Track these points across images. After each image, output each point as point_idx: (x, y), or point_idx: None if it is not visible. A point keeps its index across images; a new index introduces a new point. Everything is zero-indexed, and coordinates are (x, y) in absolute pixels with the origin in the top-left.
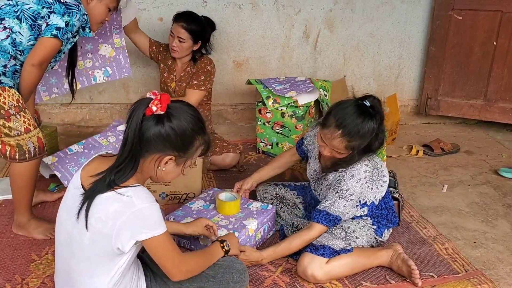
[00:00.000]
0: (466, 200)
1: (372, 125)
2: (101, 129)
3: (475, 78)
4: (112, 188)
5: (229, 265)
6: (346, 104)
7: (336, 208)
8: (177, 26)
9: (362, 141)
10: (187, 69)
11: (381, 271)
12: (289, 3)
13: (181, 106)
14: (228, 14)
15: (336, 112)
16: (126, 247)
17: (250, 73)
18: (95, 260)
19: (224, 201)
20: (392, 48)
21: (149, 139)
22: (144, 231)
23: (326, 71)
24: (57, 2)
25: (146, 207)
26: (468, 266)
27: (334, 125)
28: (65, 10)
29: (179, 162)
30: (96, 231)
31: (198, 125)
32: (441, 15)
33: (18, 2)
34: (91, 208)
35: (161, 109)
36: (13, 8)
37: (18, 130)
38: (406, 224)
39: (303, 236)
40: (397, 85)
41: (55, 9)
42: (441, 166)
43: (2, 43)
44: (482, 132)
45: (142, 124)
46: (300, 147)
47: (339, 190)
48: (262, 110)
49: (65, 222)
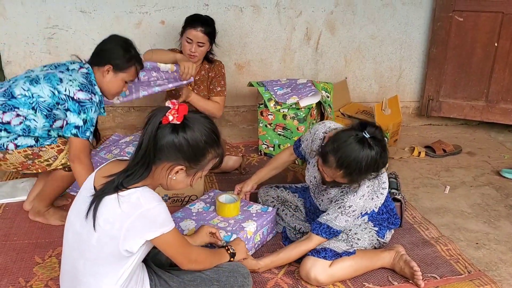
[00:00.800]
0: (468, 201)
1: (373, 156)
2: (103, 132)
3: (477, 79)
4: (120, 190)
5: (233, 269)
6: (345, 140)
7: (337, 223)
8: (195, 31)
9: (365, 174)
10: (202, 72)
11: (383, 273)
12: (290, 5)
13: (198, 118)
14: (230, 17)
15: (335, 150)
16: (135, 247)
17: (251, 75)
18: (102, 262)
19: (223, 203)
20: (393, 49)
21: (162, 147)
22: (153, 230)
23: (328, 73)
24: (70, 100)
25: (153, 207)
26: (470, 267)
27: (335, 166)
28: (80, 108)
29: (190, 173)
30: (103, 232)
31: (212, 138)
32: (442, 16)
33: (33, 94)
34: (99, 209)
35: (177, 119)
36: (28, 99)
37: (53, 156)
38: (409, 226)
39: (302, 247)
40: (399, 87)
41: (69, 107)
42: (443, 167)
43: (13, 128)
44: (484, 133)
45: (157, 132)
46: (298, 149)
47: (342, 206)
48: (264, 112)
49: (74, 222)
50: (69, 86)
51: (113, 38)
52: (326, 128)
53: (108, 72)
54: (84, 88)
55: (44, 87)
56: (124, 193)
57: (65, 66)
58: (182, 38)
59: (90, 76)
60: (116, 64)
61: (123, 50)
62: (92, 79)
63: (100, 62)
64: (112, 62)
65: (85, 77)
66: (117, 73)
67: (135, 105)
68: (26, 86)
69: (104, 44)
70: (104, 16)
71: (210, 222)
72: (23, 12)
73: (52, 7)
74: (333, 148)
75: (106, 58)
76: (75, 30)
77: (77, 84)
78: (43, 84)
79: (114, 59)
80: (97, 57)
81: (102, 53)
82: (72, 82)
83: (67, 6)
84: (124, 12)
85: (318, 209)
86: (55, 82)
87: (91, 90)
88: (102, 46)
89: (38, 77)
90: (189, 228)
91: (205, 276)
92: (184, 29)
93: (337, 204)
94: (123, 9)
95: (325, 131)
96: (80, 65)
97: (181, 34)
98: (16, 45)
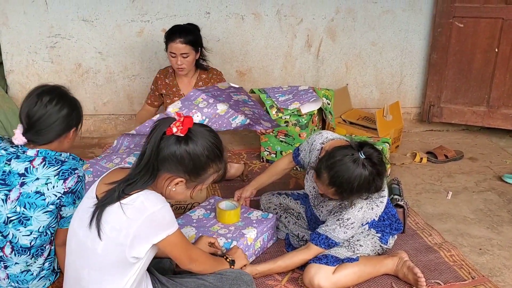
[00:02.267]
0: (471, 207)
1: (366, 177)
2: (105, 140)
3: (478, 84)
4: (121, 198)
5: (237, 277)
6: (340, 158)
7: (336, 234)
8: (175, 43)
9: (357, 194)
10: (199, 84)
11: (387, 279)
12: (291, 13)
13: (203, 132)
14: (231, 25)
15: (329, 167)
16: (142, 252)
17: (253, 82)
18: (107, 270)
19: (224, 210)
20: (394, 56)
21: (163, 158)
22: (159, 233)
23: (329, 80)
24: (64, 196)
25: (159, 209)
26: (474, 273)
27: (327, 183)
28: (74, 196)
29: (189, 186)
30: (110, 240)
31: (214, 153)
32: (443, 22)
33: (38, 229)
34: (104, 217)
35: (181, 132)
36: (42, 238)
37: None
38: (412, 232)
39: (300, 256)
40: (400, 93)
41: (64, 202)
42: (445, 173)
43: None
44: (485, 139)
45: (160, 142)
46: (297, 158)
47: (340, 219)
48: None
49: (77, 231)
50: (51, 188)
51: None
52: (323, 139)
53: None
54: (64, 174)
55: (36, 216)
56: (126, 200)
57: (14, 174)
58: (168, 54)
59: (48, 155)
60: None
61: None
62: (53, 155)
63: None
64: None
65: (50, 163)
66: None
67: (137, 113)
68: (23, 230)
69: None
70: (106, 24)
71: (210, 229)
72: (26, 21)
73: (54, 16)
74: (327, 165)
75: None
76: (77, 39)
77: (56, 179)
78: (32, 213)
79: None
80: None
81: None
82: (49, 181)
83: (69, 15)
84: (126, 20)
85: (319, 219)
86: (40, 200)
87: (69, 167)
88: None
89: (18, 212)
90: (189, 235)
91: (209, 284)
92: (166, 44)
93: (335, 217)
94: (125, 18)
95: (322, 141)
96: (27, 159)
97: (166, 50)
98: (18, 54)
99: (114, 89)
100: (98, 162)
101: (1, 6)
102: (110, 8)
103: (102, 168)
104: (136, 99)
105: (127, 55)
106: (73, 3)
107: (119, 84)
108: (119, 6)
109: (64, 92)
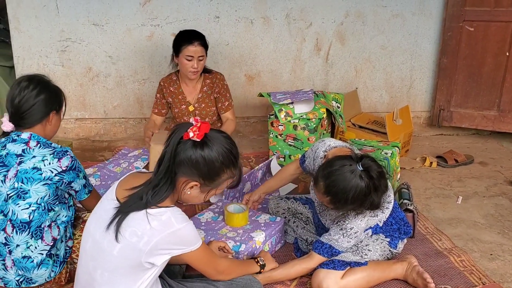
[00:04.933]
0: (482, 212)
1: (362, 189)
2: (115, 143)
3: (488, 89)
4: (150, 207)
5: (246, 284)
6: (337, 168)
7: (340, 244)
8: (194, 47)
9: (352, 206)
10: (204, 89)
11: (396, 284)
12: (300, 17)
13: (219, 137)
14: (240, 29)
15: (325, 177)
16: (159, 261)
17: (262, 86)
18: (121, 273)
19: (232, 213)
20: (403, 60)
21: (179, 162)
22: (182, 248)
23: (338, 84)
24: (62, 173)
25: (183, 227)
26: (485, 278)
27: (323, 191)
28: (74, 173)
29: (204, 190)
30: (128, 244)
31: (229, 159)
32: (453, 26)
33: (37, 201)
34: (126, 221)
35: (198, 137)
36: (40, 213)
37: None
38: (421, 236)
39: (302, 265)
40: (409, 97)
41: (69, 179)
42: (455, 177)
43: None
44: (496, 143)
45: (177, 146)
46: (303, 165)
47: (343, 228)
48: (274, 123)
49: (94, 232)
50: (48, 165)
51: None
52: (326, 147)
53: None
54: (58, 154)
55: (35, 189)
56: (153, 211)
57: (12, 155)
58: (178, 58)
59: (41, 140)
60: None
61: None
62: (44, 141)
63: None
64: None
65: (44, 145)
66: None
67: (147, 116)
68: (22, 204)
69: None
70: (116, 28)
71: (219, 232)
72: (37, 25)
73: (65, 20)
74: (324, 174)
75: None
76: (88, 43)
77: (51, 157)
78: (30, 186)
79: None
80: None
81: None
82: (45, 158)
83: (80, 19)
84: (136, 24)
85: (325, 226)
86: (37, 174)
87: (62, 149)
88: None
89: (16, 187)
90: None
91: None
92: (179, 48)
93: (338, 226)
94: (135, 22)
95: (325, 149)
96: (22, 141)
97: (175, 55)
98: (29, 58)
99: (124, 92)
100: (106, 166)
101: (13, 11)
102: (120, 13)
103: (110, 172)
104: (146, 103)
105: (137, 59)
106: (83, 8)
107: (129, 88)
108: (129, 10)
109: (41, 79)
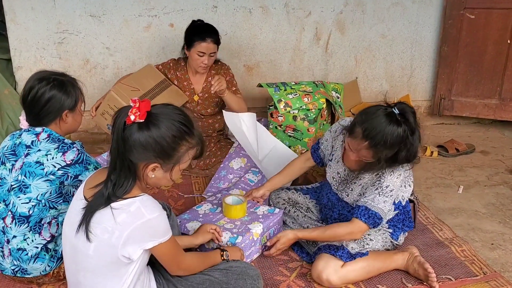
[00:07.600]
0: (483, 201)
1: (400, 133)
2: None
3: (489, 77)
4: (115, 201)
5: (242, 272)
6: (373, 112)
7: (375, 204)
8: (206, 43)
9: (390, 151)
10: (208, 79)
11: (397, 275)
12: (299, 6)
13: (164, 111)
14: (239, 18)
15: (363, 121)
16: (134, 255)
17: (261, 77)
18: (102, 271)
19: (230, 205)
20: (404, 48)
21: (130, 148)
22: (152, 240)
23: (338, 73)
24: (67, 167)
25: (155, 217)
26: (486, 268)
27: (361, 136)
28: (83, 166)
29: (167, 169)
30: (101, 241)
31: (180, 130)
32: (453, 14)
33: (37, 197)
34: (94, 219)
35: (140, 117)
36: (40, 209)
37: None
38: (422, 227)
39: (342, 226)
40: (410, 86)
41: (75, 173)
42: (456, 167)
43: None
44: (497, 132)
45: (124, 133)
46: (316, 152)
47: (379, 187)
48: (274, 114)
49: (69, 235)
50: (51, 159)
51: None
52: (347, 123)
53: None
54: (63, 148)
55: (36, 184)
56: (118, 205)
57: (22, 145)
58: (190, 52)
59: (52, 134)
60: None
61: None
62: (56, 135)
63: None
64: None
65: (54, 140)
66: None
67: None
68: (23, 198)
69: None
70: (113, 20)
71: (216, 223)
72: (34, 17)
73: (62, 12)
74: (361, 119)
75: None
76: (85, 35)
77: (55, 152)
78: (31, 181)
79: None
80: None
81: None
82: (49, 153)
83: (76, 11)
84: (133, 15)
85: (338, 203)
86: (39, 169)
87: (69, 143)
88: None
89: (19, 180)
90: (195, 229)
91: (214, 279)
92: (191, 42)
93: (374, 186)
94: (132, 13)
95: (347, 125)
96: (34, 132)
97: (187, 47)
98: (26, 50)
99: None
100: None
101: (9, 3)
102: (117, 3)
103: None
104: None
105: (134, 50)
106: None
107: None
108: (126, 1)
109: (50, 79)
